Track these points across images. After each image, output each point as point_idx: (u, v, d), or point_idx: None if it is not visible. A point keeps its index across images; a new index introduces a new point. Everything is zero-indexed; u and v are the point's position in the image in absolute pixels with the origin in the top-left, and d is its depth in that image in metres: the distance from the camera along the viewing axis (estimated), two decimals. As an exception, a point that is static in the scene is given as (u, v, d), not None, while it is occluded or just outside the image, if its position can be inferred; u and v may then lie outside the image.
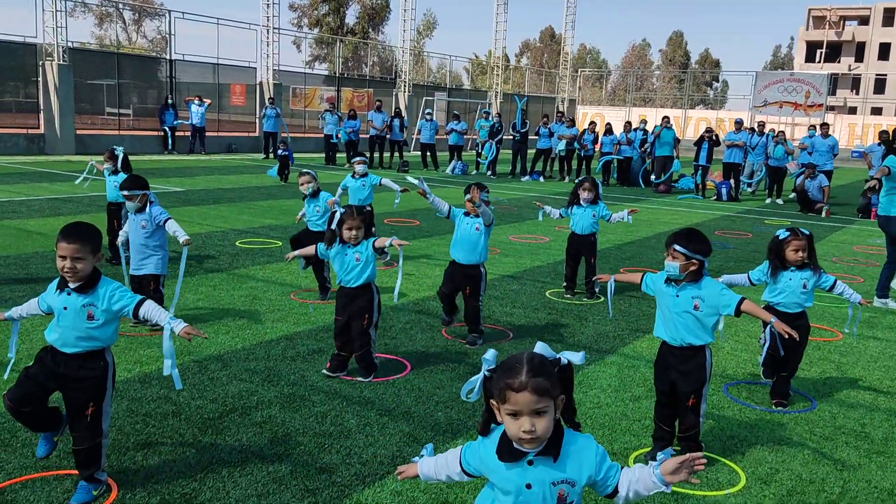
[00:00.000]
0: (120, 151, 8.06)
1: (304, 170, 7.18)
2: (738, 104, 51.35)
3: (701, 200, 18.21)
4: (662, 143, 19.46)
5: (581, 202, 7.58)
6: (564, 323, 6.61)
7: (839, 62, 72.22)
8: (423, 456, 2.42)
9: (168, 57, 24.14)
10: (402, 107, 31.14)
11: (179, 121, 22.95)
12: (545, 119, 21.31)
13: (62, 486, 3.45)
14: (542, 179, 21.41)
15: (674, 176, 20.17)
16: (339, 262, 5.02)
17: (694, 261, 3.73)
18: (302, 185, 7.04)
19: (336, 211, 5.02)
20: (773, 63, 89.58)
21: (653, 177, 20.48)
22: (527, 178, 21.40)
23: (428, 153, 22.78)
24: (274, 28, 26.59)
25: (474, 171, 22.62)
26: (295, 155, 24.65)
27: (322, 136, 23.30)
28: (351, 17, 66.40)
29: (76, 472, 3.41)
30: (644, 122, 22.01)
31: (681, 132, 40.79)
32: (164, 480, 3.54)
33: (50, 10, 20.72)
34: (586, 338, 6.19)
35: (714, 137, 18.68)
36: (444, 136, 23.88)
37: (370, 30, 65.89)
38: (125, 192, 5.79)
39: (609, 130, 20.86)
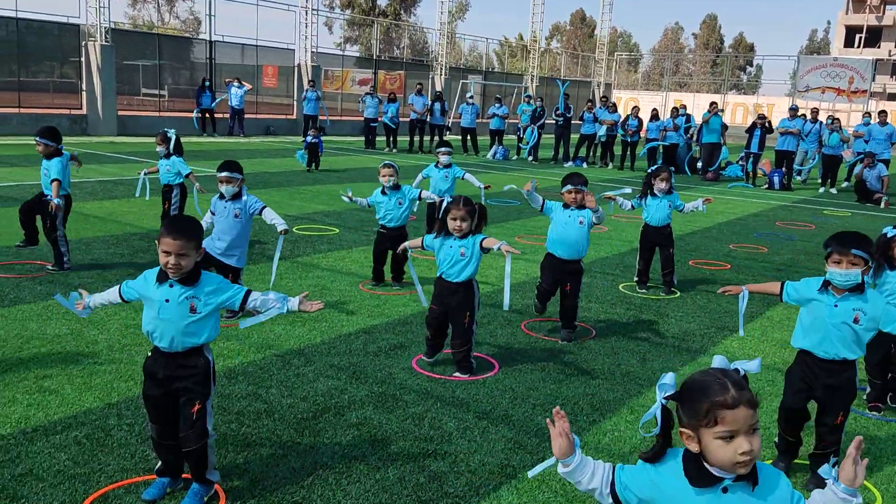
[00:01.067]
0: (172, 134, 7.96)
1: (388, 161, 6.92)
2: (772, 89, 50.18)
3: (752, 189, 17.72)
4: (710, 129, 18.94)
5: (656, 192, 7.29)
6: (645, 319, 6.35)
7: (879, 47, 70.04)
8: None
9: (208, 38, 24.04)
10: (438, 89, 30.82)
11: (219, 99, 22.76)
12: (590, 104, 20.87)
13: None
14: (584, 165, 21.01)
15: (721, 164, 19.66)
16: (442, 254, 4.80)
17: (868, 266, 3.41)
18: (383, 176, 6.80)
19: (443, 199, 4.80)
20: (808, 48, 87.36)
21: (700, 164, 20.00)
22: (569, 163, 21.01)
23: (468, 137, 22.48)
24: (313, 10, 26.35)
25: (515, 157, 22.28)
26: (331, 138, 24.57)
27: (361, 119, 23.06)
28: (383, 0, 65.93)
29: (188, 475, 3.27)
30: (684, 107, 21.45)
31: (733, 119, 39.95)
32: (270, 487, 3.37)
33: (93, -10, 20.68)
34: (672, 336, 5.93)
35: (767, 124, 18.12)
36: (486, 120, 23.52)
37: (402, 12, 65.38)
38: (224, 175, 5.61)
39: (655, 116, 20.36)
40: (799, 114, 18.48)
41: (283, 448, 3.74)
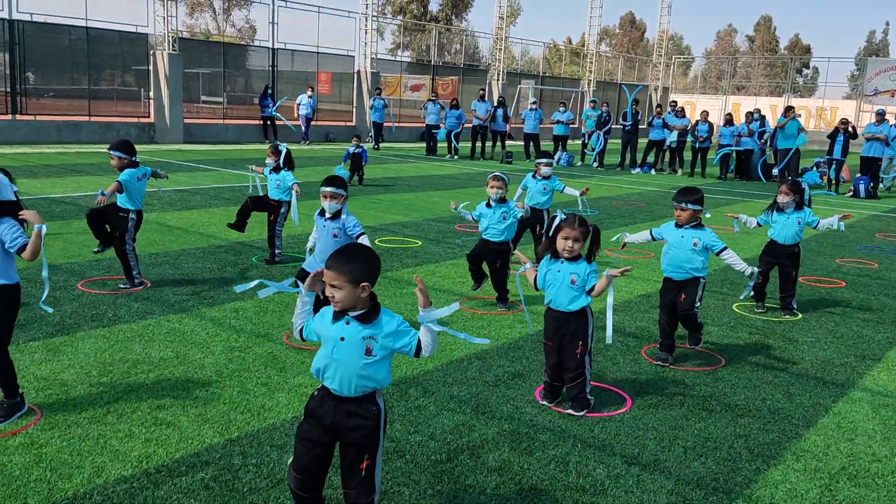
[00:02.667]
0: (283, 147, 7.73)
1: (497, 173, 6.55)
2: (830, 92, 48.32)
3: (836, 197, 16.87)
4: (787, 134, 18.12)
5: (782, 208, 6.76)
6: (773, 345, 5.85)
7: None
8: None
9: (270, 45, 24.15)
10: (495, 95, 30.47)
11: (272, 109, 22.77)
12: (659, 109, 20.23)
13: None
14: (653, 172, 20.38)
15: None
16: (550, 279, 4.42)
17: None
18: (491, 188, 6.44)
19: (556, 216, 4.40)
20: (867, 49, 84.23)
21: (775, 170, 19.19)
22: (637, 170, 20.41)
23: (531, 143, 22.06)
24: (373, 16, 26.28)
25: (579, 163, 21.77)
26: (390, 144, 24.39)
27: (416, 125, 22.86)
28: (434, 5, 65.96)
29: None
30: (758, 111, 20.61)
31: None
32: (422, 545, 3.04)
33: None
34: (809, 365, 5.43)
35: (851, 129, 17.24)
36: (549, 126, 23.05)
37: (454, 17, 65.25)
38: (329, 191, 5.34)
39: (729, 121, 19.61)
40: (885, 119, 17.53)
41: (423, 496, 3.41)
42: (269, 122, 23.08)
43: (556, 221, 4.33)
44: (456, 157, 21.51)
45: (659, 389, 4.81)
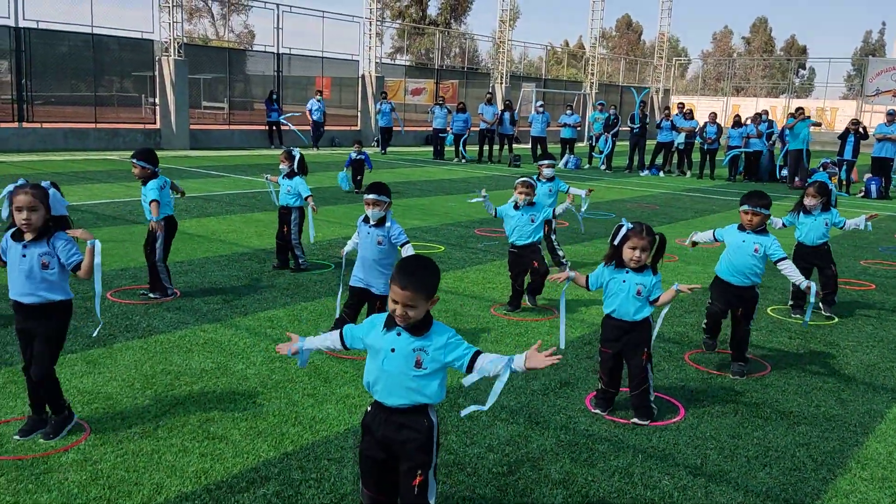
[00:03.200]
0: (297, 152, 7.64)
1: (526, 178, 6.47)
2: (827, 92, 48.42)
3: (847, 198, 16.84)
4: (796, 135, 18.10)
5: (809, 210, 6.71)
6: (816, 350, 5.79)
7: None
8: None
9: (276, 51, 24.08)
10: (499, 98, 30.43)
11: (280, 115, 22.67)
12: (667, 111, 20.19)
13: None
14: (661, 174, 20.34)
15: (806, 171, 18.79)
16: (613, 288, 4.35)
17: None
18: (520, 193, 6.37)
19: (622, 225, 4.33)
20: (863, 49, 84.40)
21: (783, 171, 19.19)
22: (645, 172, 20.37)
23: (538, 146, 22.02)
24: (378, 20, 26.22)
25: (587, 166, 21.72)
26: (395, 149, 24.31)
27: (418, 129, 22.81)
28: (433, 9, 65.98)
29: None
30: (766, 112, 20.57)
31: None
32: (500, 563, 2.96)
33: (166, 5, 20.87)
34: (855, 370, 5.36)
35: (862, 130, 17.22)
36: (555, 129, 23.02)
37: (452, 21, 65.27)
38: (371, 198, 5.26)
39: (738, 122, 19.58)
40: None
41: (492, 511, 3.33)
42: (274, 128, 23.01)
43: (623, 231, 4.25)
44: (464, 161, 21.46)
45: (710, 397, 4.74)
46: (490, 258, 8.69)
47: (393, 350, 2.73)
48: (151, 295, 6.37)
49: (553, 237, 8.02)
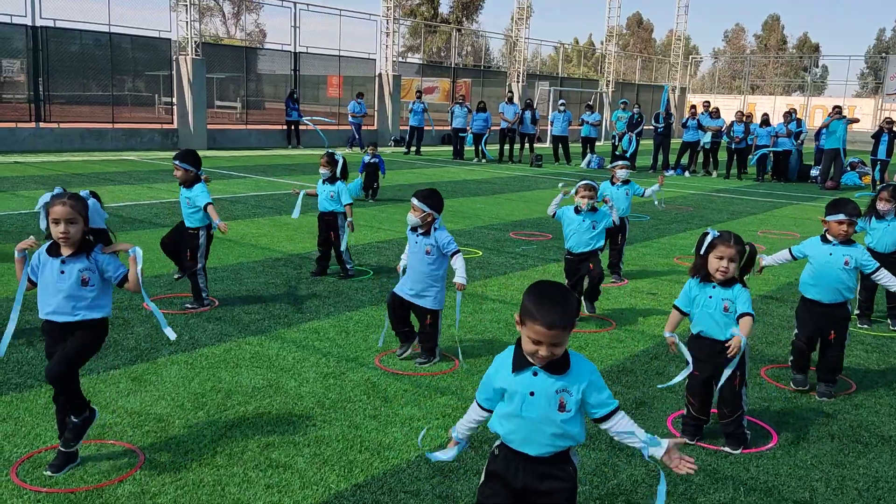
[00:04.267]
0: (340, 157, 7.34)
1: (588, 181, 6.15)
2: (838, 90, 47.83)
3: (882, 199, 16.41)
4: (830, 134, 17.68)
5: (882, 215, 6.35)
6: (896, 365, 5.45)
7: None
8: None
9: (293, 49, 23.81)
10: (517, 97, 30.08)
11: (295, 114, 22.31)
12: (693, 110, 19.81)
13: None
14: (686, 174, 19.96)
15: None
16: (700, 305, 4.00)
17: None
18: (582, 197, 6.04)
19: (707, 233, 3.97)
20: (877, 47, 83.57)
21: (814, 170, 18.81)
22: (670, 172, 19.99)
23: (559, 146, 21.69)
24: (395, 19, 25.94)
25: (609, 165, 21.33)
26: (401, 149, 23.87)
27: (439, 128, 22.49)
28: (444, 7, 65.63)
29: None
30: (794, 111, 20.17)
31: (810, 122, 38.12)
32: None
33: (184, 3, 20.64)
34: (944, 388, 5.02)
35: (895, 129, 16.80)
36: (576, 127, 22.66)
37: (464, 19, 64.91)
38: (414, 202, 4.96)
39: (766, 121, 19.19)
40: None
41: (595, 554, 3.01)
42: (293, 127, 22.74)
43: (709, 238, 3.91)
44: (484, 161, 21.14)
45: (799, 419, 4.41)
46: (531, 264, 8.38)
47: (532, 394, 2.39)
48: (187, 304, 6.08)
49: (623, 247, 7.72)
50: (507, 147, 21.72)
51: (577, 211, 6.07)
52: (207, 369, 4.78)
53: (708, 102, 20.25)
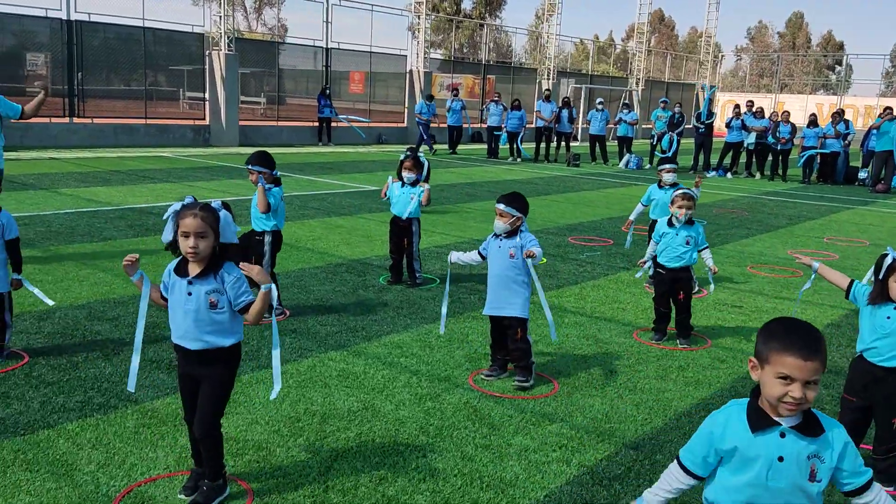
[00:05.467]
0: (425, 159, 7.00)
1: (686, 190, 5.77)
2: (863, 89, 46.90)
3: (936, 203, 15.88)
4: (882, 135, 17.14)
5: None
6: None
7: None
8: None
9: (324, 45, 23.54)
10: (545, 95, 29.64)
11: (333, 112, 22.04)
12: (737, 110, 19.31)
13: None
14: (729, 175, 19.48)
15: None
16: (877, 326, 3.55)
17: None
18: (680, 208, 5.65)
19: (887, 254, 3.54)
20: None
21: (862, 173, 18.29)
22: (712, 173, 19.52)
23: (597, 145, 21.28)
24: (427, 14, 25.59)
25: (648, 166, 20.91)
26: (441, 146, 23.48)
27: (485, 126, 22.09)
28: (467, 3, 65.16)
29: None
30: (842, 112, 19.63)
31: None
32: None
33: (217, -2, 20.41)
34: None
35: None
36: (611, 126, 22.23)
37: (487, 15, 64.42)
38: (500, 207, 4.64)
39: (813, 122, 18.67)
40: None
41: None
42: (324, 125, 22.48)
43: (888, 260, 3.53)
44: (519, 160, 20.76)
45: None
46: (601, 272, 8.00)
47: (781, 459, 2.05)
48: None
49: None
50: (542, 146, 21.32)
51: (671, 224, 5.69)
52: (296, 389, 4.48)
53: (751, 102, 19.73)
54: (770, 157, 19.16)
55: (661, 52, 45.33)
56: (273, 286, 3.13)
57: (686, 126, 19.98)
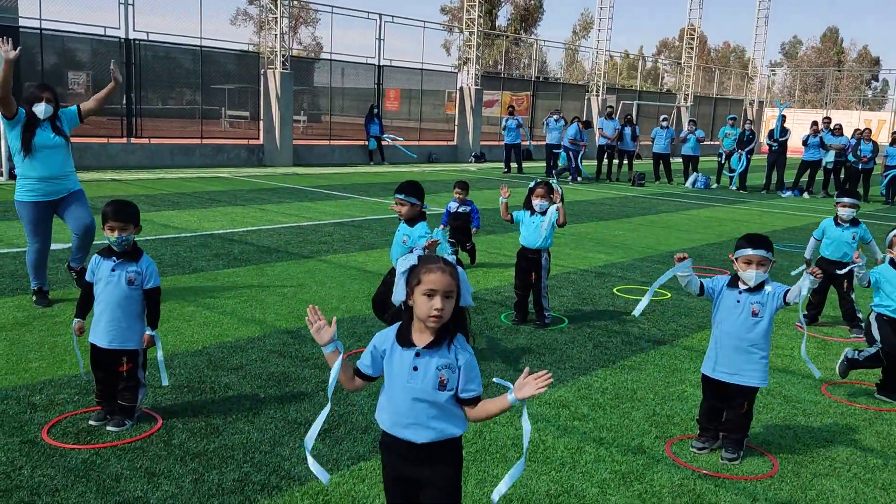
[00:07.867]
0: (559, 186, 6.41)
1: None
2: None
3: None
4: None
5: None
6: None
7: None
8: None
9: (377, 63, 23.15)
10: (595, 111, 29.01)
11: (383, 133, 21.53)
12: (815, 126, 18.47)
13: None
14: (805, 195, 18.61)
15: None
16: None
17: None
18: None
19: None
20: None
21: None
22: (787, 193, 18.67)
23: (661, 164, 20.54)
24: (481, 30, 25.14)
25: (715, 185, 20.10)
26: (488, 165, 22.84)
27: (544, 144, 21.47)
28: (502, 19, 64.88)
29: None
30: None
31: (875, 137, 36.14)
32: None
33: (273, 15, 20.14)
34: None
35: None
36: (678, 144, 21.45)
37: (522, 31, 64.04)
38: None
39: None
40: None
41: None
42: (378, 144, 22.04)
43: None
44: (580, 178, 20.07)
45: None
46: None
47: None
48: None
49: (852, 295, 6.64)
50: (605, 164, 20.64)
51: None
52: (474, 464, 3.83)
53: (829, 118, 18.89)
54: (855, 177, 18.22)
55: (708, 67, 44.38)
56: (513, 389, 2.47)
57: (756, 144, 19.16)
